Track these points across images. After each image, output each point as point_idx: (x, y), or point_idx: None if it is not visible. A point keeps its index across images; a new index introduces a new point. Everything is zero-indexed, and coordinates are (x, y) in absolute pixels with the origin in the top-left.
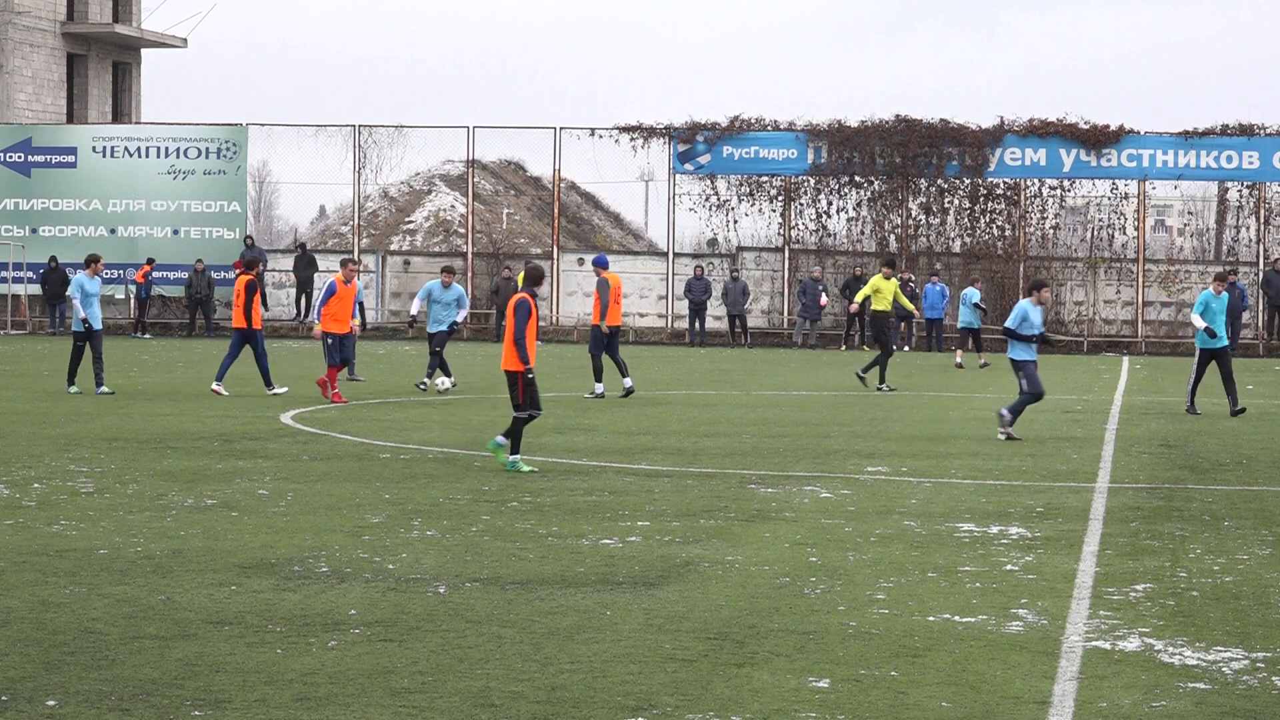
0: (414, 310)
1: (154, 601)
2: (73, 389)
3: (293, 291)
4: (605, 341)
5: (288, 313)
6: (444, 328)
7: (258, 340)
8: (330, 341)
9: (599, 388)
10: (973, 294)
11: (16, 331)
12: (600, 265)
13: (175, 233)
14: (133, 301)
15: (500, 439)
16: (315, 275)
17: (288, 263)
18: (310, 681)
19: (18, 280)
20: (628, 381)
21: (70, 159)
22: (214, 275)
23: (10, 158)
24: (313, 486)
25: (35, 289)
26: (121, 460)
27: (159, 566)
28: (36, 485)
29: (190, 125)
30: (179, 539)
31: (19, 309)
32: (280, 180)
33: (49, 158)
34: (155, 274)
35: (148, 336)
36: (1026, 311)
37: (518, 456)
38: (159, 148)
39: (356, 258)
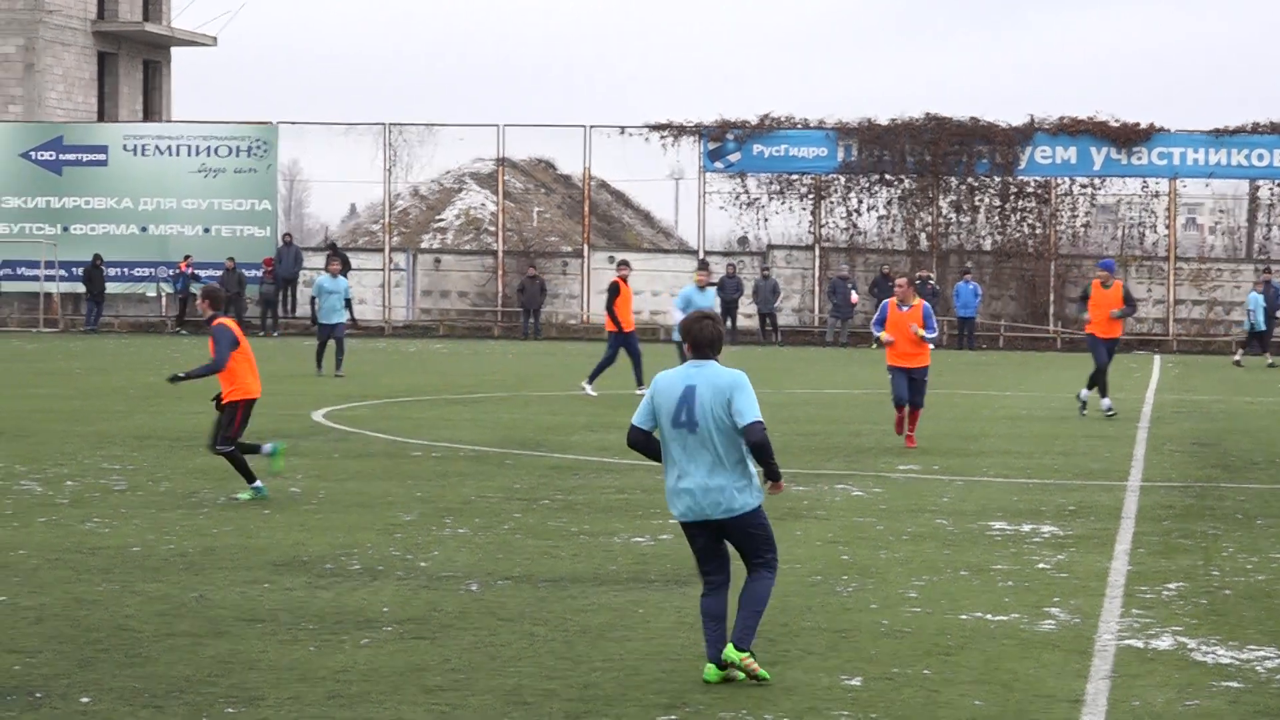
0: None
1: (187, 599)
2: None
3: (313, 289)
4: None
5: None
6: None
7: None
8: None
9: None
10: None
11: (49, 330)
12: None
13: (206, 231)
14: (164, 299)
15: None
16: (348, 273)
17: (319, 261)
18: (343, 679)
19: (49, 278)
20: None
21: (101, 157)
22: (245, 273)
23: (41, 156)
24: (344, 484)
25: (68, 286)
26: (154, 458)
27: (192, 564)
28: (69, 483)
29: (221, 123)
30: (211, 536)
31: (51, 307)
32: (311, 178)
33: (80, 156)
34: (186, 272)
35: (183, 333)
36: None
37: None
38: (190, 146)
39: (337, 251)
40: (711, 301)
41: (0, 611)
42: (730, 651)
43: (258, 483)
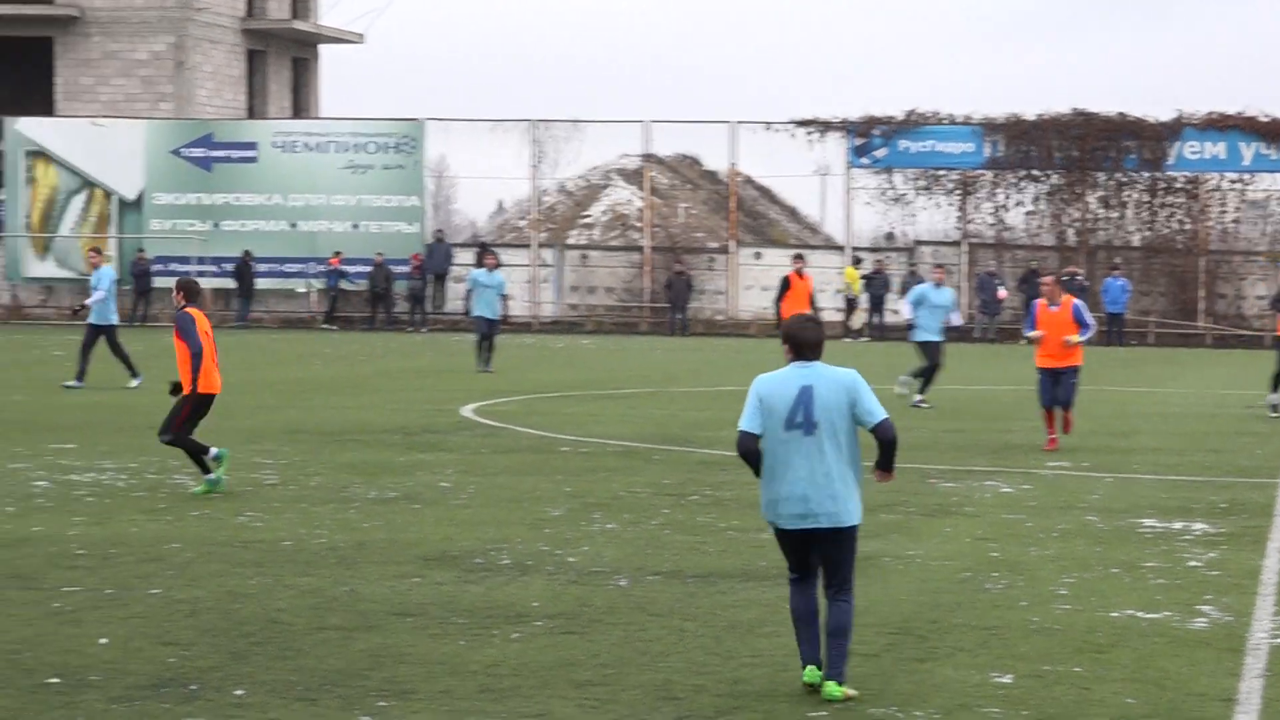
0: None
1: (338, 593)
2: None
3: (467, 282)
4: None
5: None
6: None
7: None
8: None
9: None
10: None
11: None
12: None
13: (355, 227)
14: (314, 295)
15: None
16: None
17: (467, 257)
18: (494, 673)
19: (201, 274)
20: None
21: (251, 154)
22: (392, 269)
23: (192, 153)
24: (494, 479)
25: (219, 282)
26: (305, 452)
27: (343, 558)
28: (222, 477)
29: (368, 120)
30: (362, 531)
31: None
32: (458, 175)
33: (230, 153)
34: (336, 268)
35: (334, 329)
36: None
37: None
38: (338, 142)
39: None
40: (950, 300)
41: (155, 604)
42: (832, 689)
43: (212, 475)
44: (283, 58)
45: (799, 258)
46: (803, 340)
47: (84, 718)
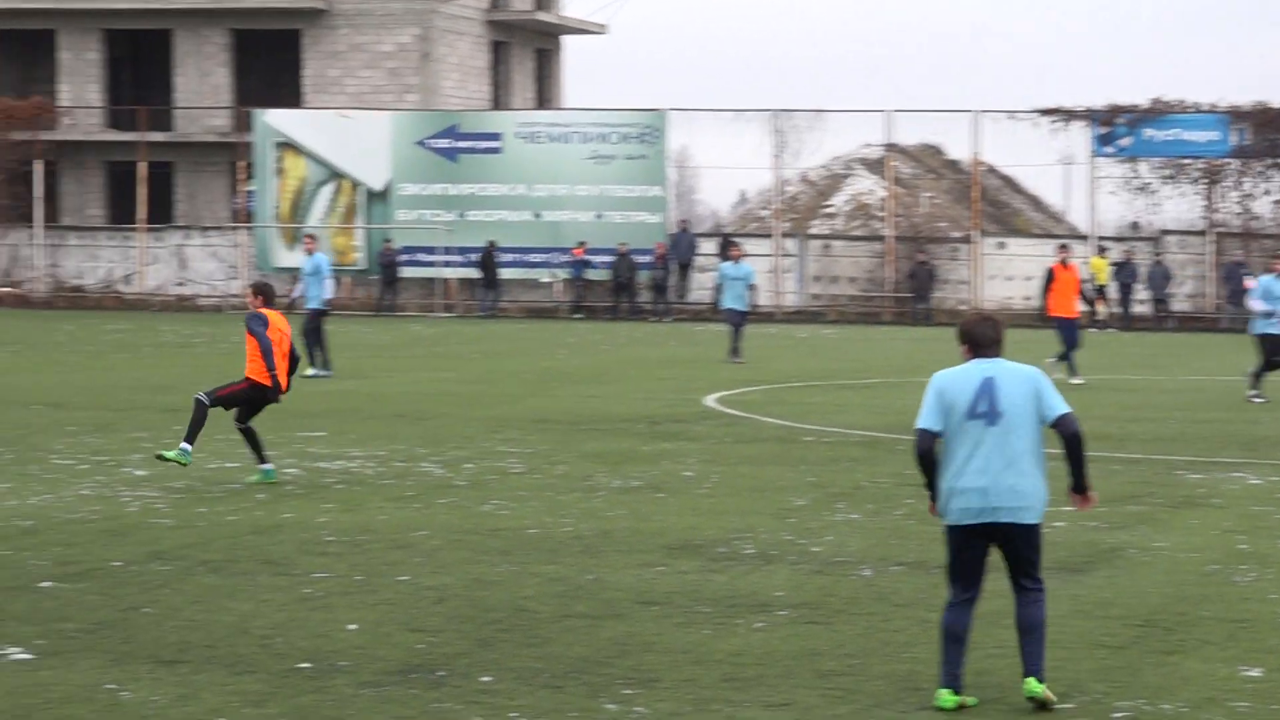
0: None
1: (584, 581)
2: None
3: (715, 276)
4: None
5: (710, 296)
6: None
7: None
8: None
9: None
10: None
11: (445, 314)
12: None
13: (598, 217)
14: (557, 285)
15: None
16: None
17: (710, 247)
18: (738, 662)
19: (447, 264)
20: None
21: (495, 145)
22: (636, 259)
23: (437, 144)
24: (737, 469)
25: (463, 272)
26: (550, 441)
27: (588, 546)
28: (468, 465)
29: (611, 111)
30: (607, 519)
31: (447, 292)
32: (700, 165)
33: (475, 144)
34: (581, 258)
35: (580, 317)
36: None
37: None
38: (581, 133)
39: (738, 242)
40: None
41: (404, 591)
42: (1033, 685)
43: (267, 465)
44: (526, 49)
45: (1064, 248)
46: (981, 339)
47: (333, 702)
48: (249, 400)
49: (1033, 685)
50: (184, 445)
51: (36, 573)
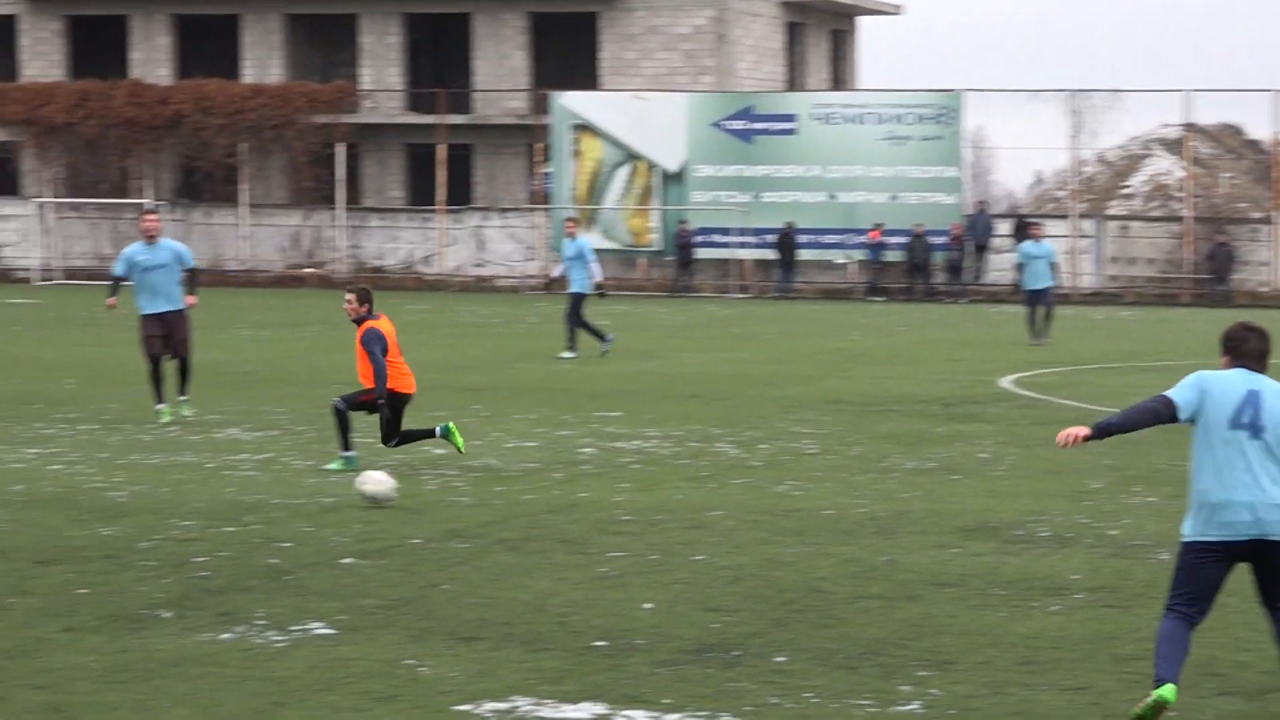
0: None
1: (878, 562)
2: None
3: (1013, 257)
4: None
5: (1006, 277)
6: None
7: None
8: None
9: None
10: None
11: (740, 295)
12: None
13: (893, 198)
14: (852, 266)
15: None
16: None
17: (1006, 228)
18: (1033, 645)
19: (742, 245)
20: None
21: (790, 126)
22: (931, 240)
23: (732, 125)
24: (1033, 451)
25: (758, 253)
26: (844, 422)
27: (882, 528)
28: (763, 446)
29: (906, 92)
30: (901, 501)
31: (743, 273)
32: (996, 145)
33: (769, 125)
34: (878, 240)
35: (880, 300)
36: None
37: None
38: (876, 114)
39: (1040, 223)
40: None
41: (699, 570)
42: None
43: (351, 453)
44: (822, 30)
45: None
46: (1246, 350)
47: (629, 680)
48: (395, 411)
49: None
50: (345, 455)
51: (338, 549)
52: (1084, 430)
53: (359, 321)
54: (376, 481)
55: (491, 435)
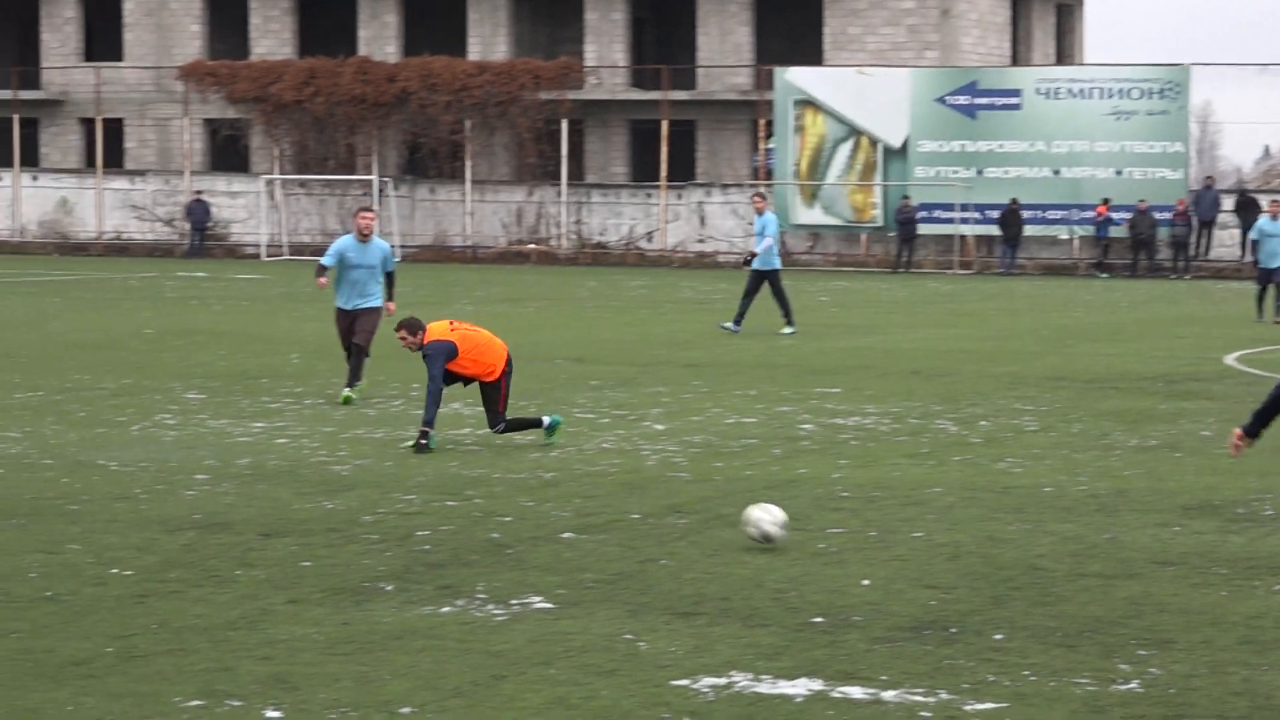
0: None
1: (1099, 540)
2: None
3: (1236, 233)
4: None
5: (1231, 253)
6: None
7: None
8: None
9: None
10: None
11: (963, 271)
12: None
13: (1118, 174)
14: (1077, 242)
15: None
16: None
17: (1232, 203)
18: (1255, 625)
19: (964, 220)
20: None
21: (1014, 101)
22: (1155, 216)
23: (956, 101)
24: None
25: (981, 229)
26: (1066, 399)
27: (1103, 505)
28: (983, 423)
29: (1132, 66)
30: (1123, 479)
31: (965, 249)
32: (1223, 120)
33: (993, 100)
34: (1105, 216)
35: (1106, 276)
36: None
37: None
38: (1101, 89)
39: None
40: None
41: (917, 547)
42: None
43: (546, 419)
44: (1047, 4)
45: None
46: None
47: (846, 657)
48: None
49: None
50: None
51: (558, 524)
52: (1236, 432)
53: (421, 349)
54: (775, 521)
55: (711, 411)
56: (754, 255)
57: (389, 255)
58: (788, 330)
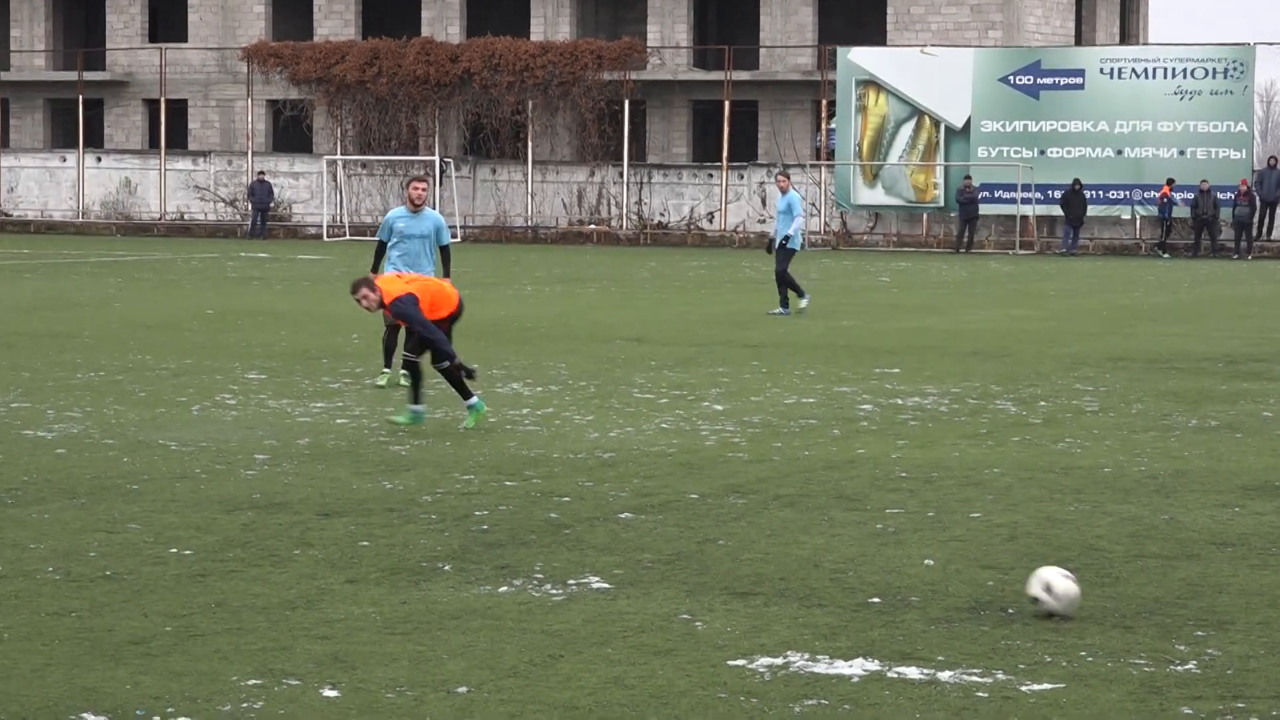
0: None
1: (1157, 521)
2: None
3: None
4: None
5: None
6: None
7: None
8: None
9: None
10: None
11: (1024, 251)
12: None
13: (1181, 154)
14: (1139, 222)
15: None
16: None
17: None
18: None
19: (1025, 201)
20: None
21: (1078, 81)
22: (1218, 196)
23: (1019, 80)
24: None
25: (1044, 209)
26: (1126, 379)
27: (1162, 486)
28: (1043, 403)
29: (1196, 45)
30: (1182, 459)
31: (1027, 229)
32: None
33: (1057, 80)
34: (1169, 197)
35: (1167, 257)
36: None
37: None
38: (1165, 68)
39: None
40: None
41: (975, 528)
42: None
43: (474, 399)
44: None
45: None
46: None
47: (903, 637)
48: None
49: None
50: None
51: (616, 504)
52: None
53: (384, 305)
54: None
55: (770, 391)
56: (773, 241)
57: (443, 227)
58: (802, 305)
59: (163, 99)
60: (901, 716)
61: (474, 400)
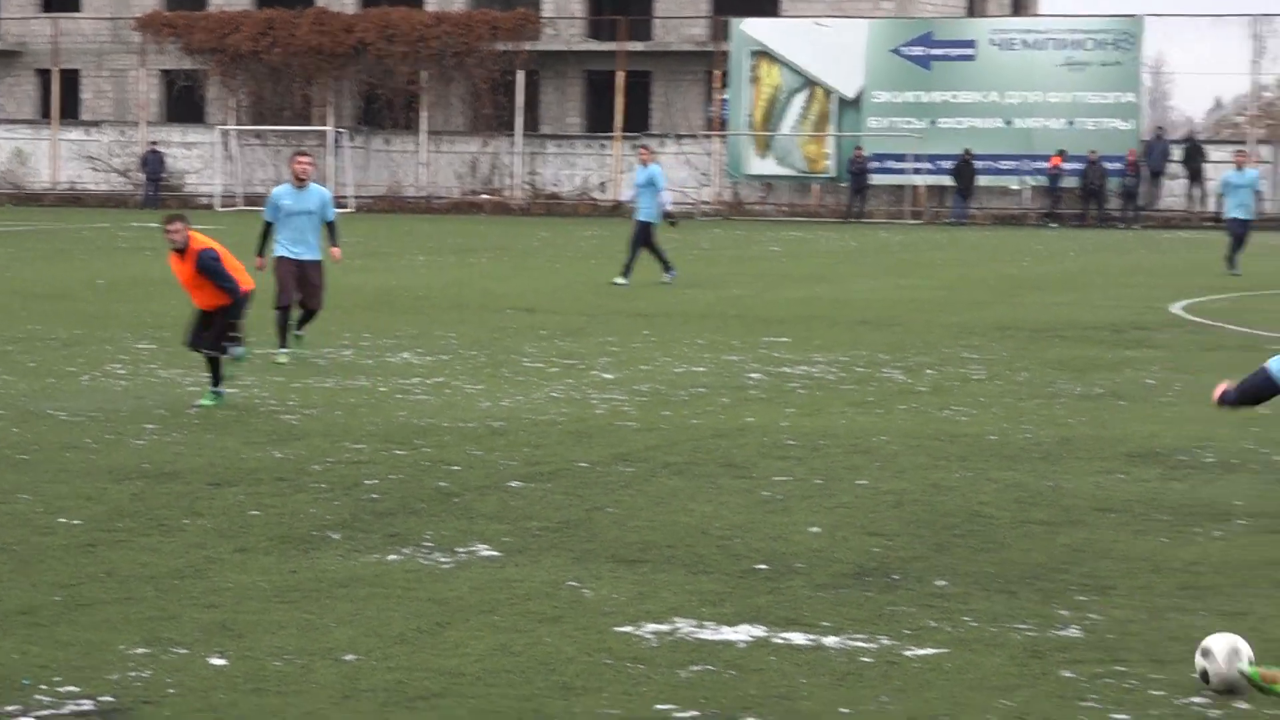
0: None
1: (1042, 487)
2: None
3: (1185, 183)
4: None
5: (1180, 203)
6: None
7: None
8: None
9: None
10: None
11: (914, 221)
12: None
13: (1070, 124)
14: (1027, 193)
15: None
16: (1204, 166)
17: (1178, 154)
18: (1194, 570)
19: (916, 171)
20: None
21: (969, 52)
22: (1106, 166)
23: (911, 51)
24: (1200, 377)
25: (933, 179)
26: (1012, 348)
27: (1047, 453)
28: (930, 371)
29: (1086, 17)
30: (1067, 426)
31: (916, 199)
32: (1175, 71)
33: (948, 51)
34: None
35: (1056, 227)
36: None
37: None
38: (1055, 39)
39: (1245, 148)
40: None
41: (862, 495)
42: None
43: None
44: None
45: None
46: None
47: (789, 604)
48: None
49: None
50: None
51: (506, 472)
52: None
53: (184, 250)
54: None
55: (660, 360)
56: (670, 214)
57: (328, 202)
58: (620, 281)
59: (55, 69)
60: (787, 682)
61: (220, 391)
